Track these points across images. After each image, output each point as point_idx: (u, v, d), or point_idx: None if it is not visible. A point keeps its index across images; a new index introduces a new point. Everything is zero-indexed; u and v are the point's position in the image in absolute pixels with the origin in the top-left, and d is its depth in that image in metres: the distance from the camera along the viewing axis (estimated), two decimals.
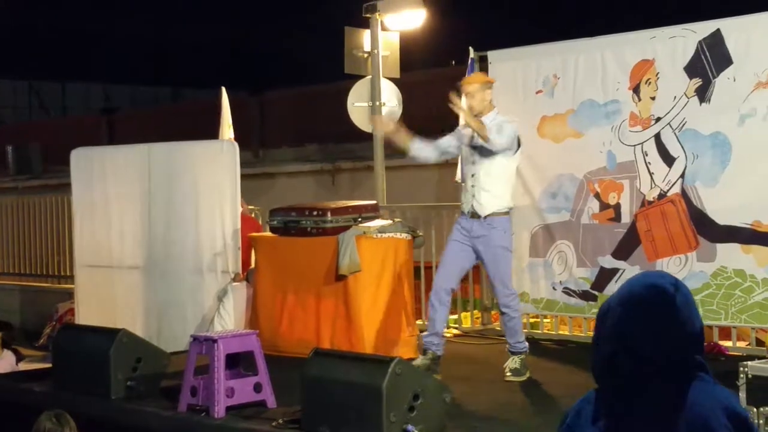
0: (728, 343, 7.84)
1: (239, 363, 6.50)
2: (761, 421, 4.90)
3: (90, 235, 9.40)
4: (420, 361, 7.03)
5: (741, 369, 5.02)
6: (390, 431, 5.30)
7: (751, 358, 5.97)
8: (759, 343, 7.66)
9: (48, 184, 18.50)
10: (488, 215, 6.98)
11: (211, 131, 10.70)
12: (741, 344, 7.88)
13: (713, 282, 7.68)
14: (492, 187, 6.97)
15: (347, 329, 7.75)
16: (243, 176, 8.85)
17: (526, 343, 7.20)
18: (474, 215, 7.02)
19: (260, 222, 9.93)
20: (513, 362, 7.08)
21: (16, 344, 10.38)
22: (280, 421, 5.93)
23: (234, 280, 8.46)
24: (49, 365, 7.64)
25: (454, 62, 14.36)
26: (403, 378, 5.39)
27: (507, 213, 7.05)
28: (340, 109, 10.71)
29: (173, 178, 8.93)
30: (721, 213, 7.62)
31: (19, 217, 14.93)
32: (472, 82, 7.20)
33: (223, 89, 10.18)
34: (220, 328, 8.02)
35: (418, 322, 8.83)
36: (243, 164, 8.97)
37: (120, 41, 30.91)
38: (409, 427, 5.37)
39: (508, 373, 7.04)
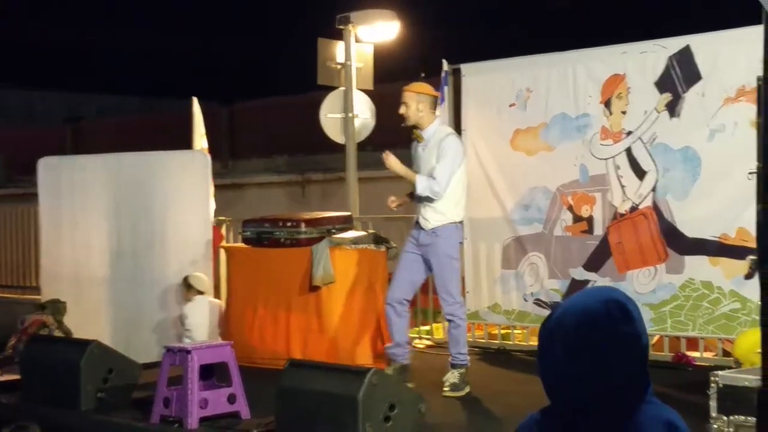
0: (696, 354, 7.91)
1: (213, 374, 6.50)
2: (731, 429, 4.96)
3: (56, 245, 9.29)
4: (389, 371, 7.03)
5: (712, 378, 5.08)
6: None
7: (718, 368, 6.04)
8: (726, 353, 7.73)
9: (13, 194, 18.32)
10: (432, 228, 7.01)
11: (181, 141, 10.66)
12: (708, 355, 7.96)
13: (681, 293, 7.76)
14: (436, 203, 6.99)
15: (320, 340, 7.75)
16: (213, 187, 8.83)
17: (468, 357, 7.16)
18: (421, 227, 7.06)
19: (232, 233, 9.89)
20: (453, 376, 7.00)
21: None
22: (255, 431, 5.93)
23: (198, 292, 8.38)
24: (15, 376, 7.55)
25: (423, 74, 14.42)
26: (380, 388, 5.42)
27: (453, 223, 7.07)
28: (310, 120, 10.72)
29: (144, 188, 8.88)
30: (690, 226, 7.71)
31: None
32: (409, 90, 7.13)
33: (195, 99, 10.15)
34: (188, 340, 7.98)
35: None
36: (213, 175, 8.96)
37: (86, 51, 30.73)
38: None
39: (447, 388, 6.95)
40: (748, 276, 7.42)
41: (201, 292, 8.33)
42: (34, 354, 7.31)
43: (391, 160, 7.03)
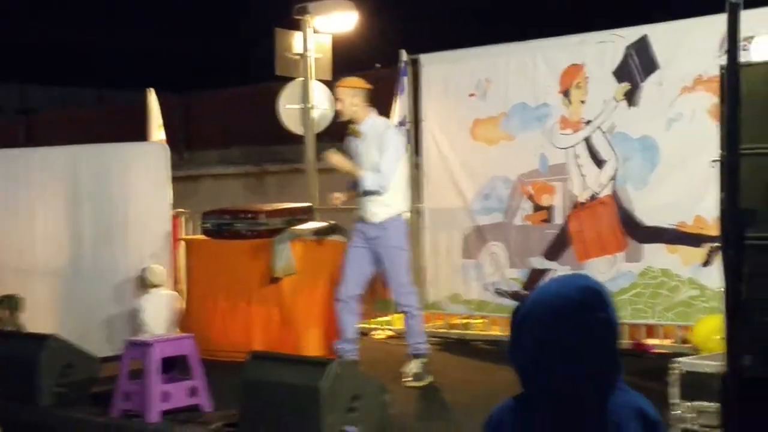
0: (655, 341, 7.99)
1: (174, 367, 6.44)
2: (693, 415, 5.01)
3: (11, 238, 9.14)
4: None
5: (674, 365, 5.12)
6: None
7: (677, 355, 6.09)
8: (684, 340, 7.81)
9: None
10: (380, 221, 7.00)
11: (137, 133, 10.55)
12: (667, 342, 8.03)
13: (640, 281, 7.83)
14: (382, 196, 6.96)
15: (282, 332, 7.73)
16: None
17: (427, 345, 7.17)
18: (368, 221, 7.04)
19: (191, 225, 9.81)
20: (414, 366, 7.00)
21: None
22: (218, 424, 5.90)
23: (153, 285, 8.29)
24: None
25: (379, 65, 14.38)
26: (343, 379, 5.40)
27: (399, 214, 7.07)
28: (266, 111, 10.64)
29: (102, 180, 8.78)
30: (648, 214, 7.78)
31: None
32: (342, 86, 7.15)
33: (152, 90, 10.06)
34: (146, 333, 7.91)
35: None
36: None
37: (39, 43, 30.35)
38: (349, 428, 5.38)
39: (409, 378, 6.95)
40: (706, 263, 7.50)
41: (156, 285, 8.24)
42: None
43: (335, 158, 7.03)
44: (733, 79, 2.75)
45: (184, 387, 6.31)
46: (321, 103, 9.88)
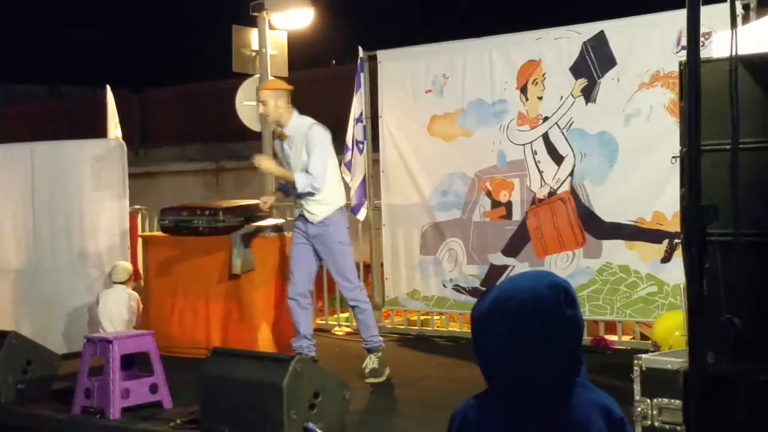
0: (614, 338, 8.05)
1: (134, 364, 6.42)
2: (655, 412, 5.05)
3: None
4: None
5: (635, 362, 5.15)
6: (291, 429, 5.31)
7: (637, 351, 6.15)
8: (643, 337, 7.89)
9: None
10: (320, 221, 6.98)
11: (92, 129, 10.47)
12: (626, 338, 8.11)
13: (599, 278, 7.88)
14: (317, 195, 6.93)
15: (240, 329, 7.70)
16: None
17: (380, 338, 7.17)
18: (307, 221, 7.02)
19: (148, 222, 9.76)
20: (371, 361, 7.00)
21: None
22: (178, 421, 5.88)
23: (115, 282, 8.23)
24: None
25: (334, 61, 14.37)
26: (304, 376, 5.40)
27: (338, 209, 7.05)
28: (223, 107, 10.61)
29: (58, 177, 8.72)
30: (607, 210, 7.82)
31: None
32: (264, 88, 7.13)
33: (108, 87, 9.98)
34: (104, 331, 7.85)
35: (318, 321, 8.87)
36: None
37: None
38: (310, 425, 5.38)
39: (367, 374, 6.95)
40: (665, 259, 7.57)
41: (118, 282, 8.17)
42: None
43: (265, 163, 7.05)
44: (694, 74, 2.77)
45: (144, 384, 6.29)
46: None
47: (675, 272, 7.33)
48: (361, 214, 8.94)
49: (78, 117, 15.37)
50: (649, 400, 5.02)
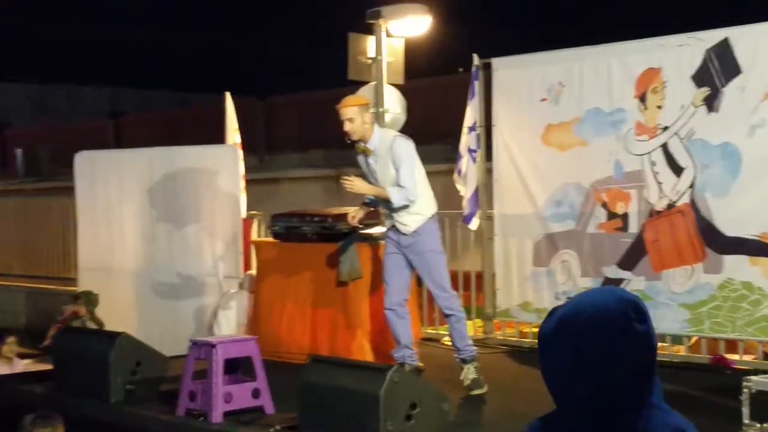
0: (735, 357, 7.73)
1: (238, 368, 6.46)
2: None
3: (92, 237, 9.37)
4: None
5: (744, 384, 4.93)
6: None
7: (759, 372, 5.87)
8: (766, 356, 7.56)
9: (55, 187, 18.44)
10: (413, 231, 6.85)
11: (218, 136, 10.65)
12: (747, 358, 7.78)
13: (720, 294, 7.57)
14: (410, 207, 6.81)
15: (347, 337, 7.68)
16: (248, 181, 8.77)
17: (475, 347, 7.03)
18: (400, 231, 6.90)
19: (263, 228, 9.87)
20: (470, 372, 6.86)
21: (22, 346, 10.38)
22: (278, 427, 5.89)
23: (241, 287, 8.41)
24: (50, 367, 7.61)
25: (461, 69, 14.28)
26: (401, 386, 5.33)
27: (430, 218, 6.91)
28: None
29: (175, 182, 8.90)
30: (729, 224, 7.51)
31: (26, 219, 14.90)
32: (349, 105, 6.93)
33: (228, 94, 10.13)
34: (217, 334, 7.97)
35: (428, 330, 8.81)
36: (248, 169, 8.92)
37: (128, 46, 31.00)
38: None
39: (469, 386, 6.78)
40: None
41: (243, 289, 8.32)
42: (64, 345, 7.35)
43: (357, 184, 6.90)
44: None
45: (247, 388, 6.31)
46: (393, 107, 9.84)
47: None
48: (474, 224, 8.84)
49: (204, 123, 15.67)
50: (758, 425, 4.79)
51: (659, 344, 8.35)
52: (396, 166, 6.78)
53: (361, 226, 7.64)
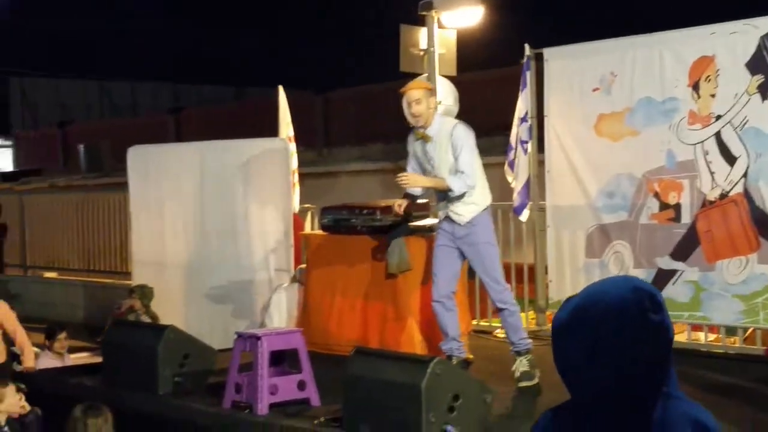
0: None
1: (284, 360, 6.48)
2: None
3: (146, 231, 9.47)
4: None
5: None
6: (429, 431, 5.23)
7: None
8: None
9: (116, 182, 18.69)
10: (468, 221, 6.79)
11: (273, 129, 10.70)
12: None
13: None
14: (466, 196, 6.74)
15: (396, 329, 7.67)
16: (306, 175, 8.80)
17: (530, 340, 6.94)
18: (454, 222, 6.84)
19: (316, 221, 9.90)
20: (521, 365, 6.75)
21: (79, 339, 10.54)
22: (322, 419, 5.90)
23: (293, 279, 8.45)
24: (100, 360, 7.72)
25: (522, 59, 14.17)
26: (443, 378, 5.31)
27: (485, 209, 6.84)
28: (399, 108, 10.59)
29: (226, 176, 8.96)
30: None
31: (86, 214, 15.12)
32: (416, 88, 6.85)
33: (281, 87, 10.17)
34: (269, 327, 8.02)
35: (474, 322, 8.76)
36: (307, 163, 8.95)
37: (187, 43, 31.42)
38: (449, 427, 5.29)
39: (519, 378, 6.69)
40: None
41: (296, 281, 8.37)
42: (115, 338, 7.43)
43: (413, 179, 6.84)
44: None
45: (292, 380, 6.33)
46: (445, 99, 9.79)
47: None
48: (524, 215, 8.77)
49: (259, 117, 15.78)
50: None
51: (714, 336, 8.23)
52: (455, 153, 6.73)
53: (410, 217, 7.61)
